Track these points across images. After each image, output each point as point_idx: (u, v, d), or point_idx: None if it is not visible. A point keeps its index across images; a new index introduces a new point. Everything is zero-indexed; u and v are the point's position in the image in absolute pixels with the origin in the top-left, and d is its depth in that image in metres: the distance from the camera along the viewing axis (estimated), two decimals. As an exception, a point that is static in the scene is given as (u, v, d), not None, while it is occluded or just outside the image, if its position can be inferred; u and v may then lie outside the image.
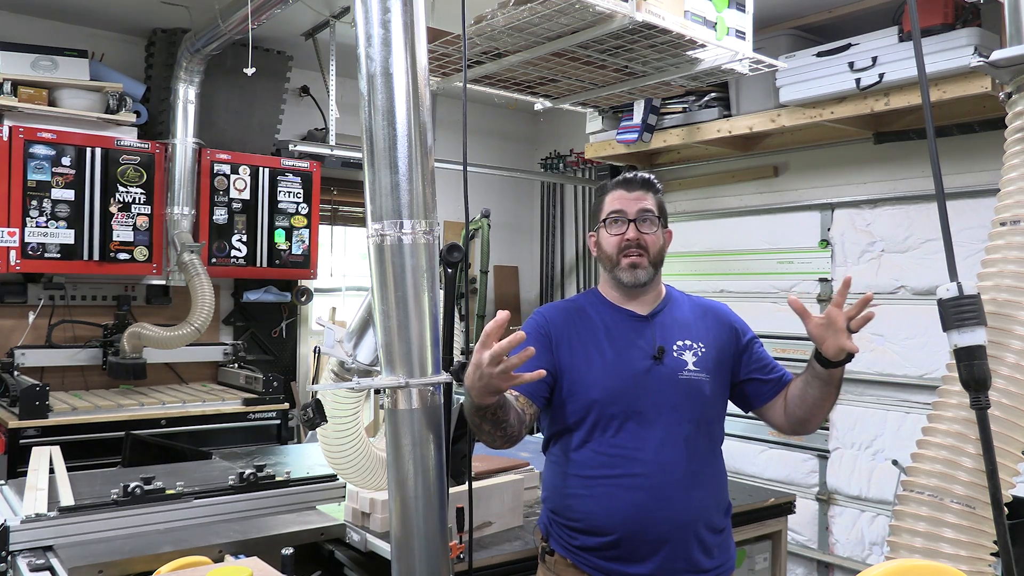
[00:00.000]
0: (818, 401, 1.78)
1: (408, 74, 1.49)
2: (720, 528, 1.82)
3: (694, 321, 1.91)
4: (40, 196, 3.69)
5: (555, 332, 1.87)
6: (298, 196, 4.48)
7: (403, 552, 1.51)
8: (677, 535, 1.73)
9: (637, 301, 1.90)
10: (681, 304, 1.95)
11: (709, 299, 2.04)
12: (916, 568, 1.08)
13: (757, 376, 1.91)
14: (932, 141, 1.42)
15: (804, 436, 2.17)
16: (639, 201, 1.87)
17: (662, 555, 1.72)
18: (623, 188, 1.90)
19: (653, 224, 1.87)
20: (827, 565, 4.06)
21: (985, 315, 1.36)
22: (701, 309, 1.96)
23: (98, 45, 4.17)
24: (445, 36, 2.46)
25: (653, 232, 1.87)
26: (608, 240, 1.88)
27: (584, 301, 1.96)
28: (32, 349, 3.96)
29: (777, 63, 2.68)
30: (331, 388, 2.07)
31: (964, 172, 3.55)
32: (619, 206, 1.87)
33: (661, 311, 1.90)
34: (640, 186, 1.89)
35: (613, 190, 1.92)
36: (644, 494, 1.72)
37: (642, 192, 1.88)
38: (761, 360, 1.93)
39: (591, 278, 5.54)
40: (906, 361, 3.74)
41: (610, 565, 1.75)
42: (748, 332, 1.96)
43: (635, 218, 1.85)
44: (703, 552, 1.76)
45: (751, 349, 1.93)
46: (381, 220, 1.49)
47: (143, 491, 2.07)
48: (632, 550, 1.73)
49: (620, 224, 1.86)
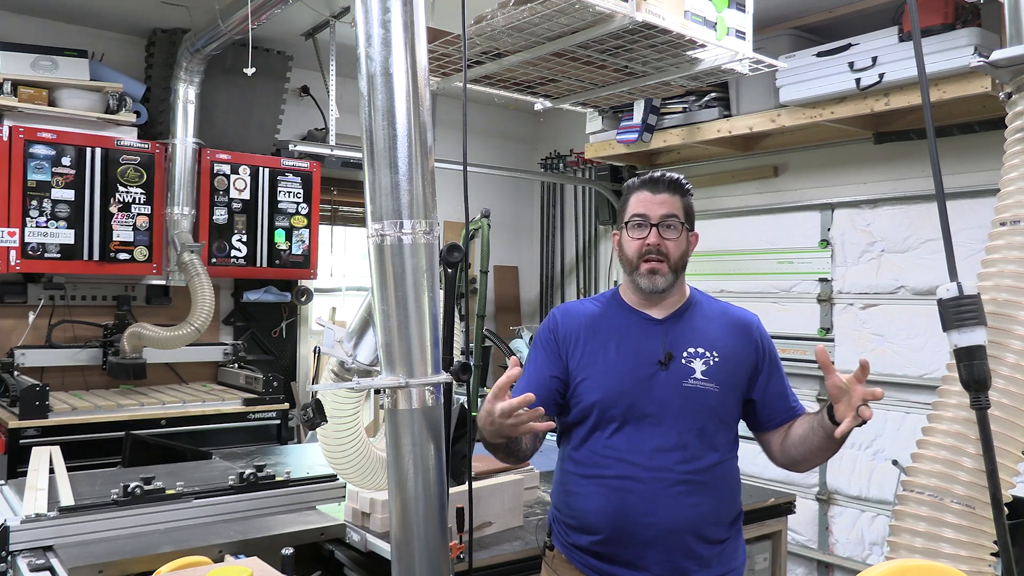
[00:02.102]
0: (817, 451, 1.74)
1: (408, 74, 1.49)
2: (719, 539, 1.77)
3: (712, 329, 1.85)
4: (40, 196, 3.69)
5: (565, 334, 1.88)
6: (298, 196, 4.48)
7: (403, 552, 1.51)
8: (664, 541, 1.72)
9: (656, 305, 1.86)
10: (703, 310, 1.90)
11: (740, 308, 1.95)
12: (916, 568, 1.08)
13: (766, 401, 1.85)
14: (932, 141, 1.42)
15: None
16: (663, 205, 1.81)
17: (649, 560, 1.72)
18: (648, 189, 1.84)
19: (676, 229, 1.81)
20: (827, 565, 4.06)
21: (985, 315, 1.36)
22: (725, 317, 1.89)
23: (98, 45, 4.17)
24: (445, 36, 2.46)
25: (675, 238, 1.81)
26: (629, 243, 1.84)
27: (601, 302, 1.94)
28: (32, 349, 3.96)
29: (777, 63, 2.69)
30: (331, 388, 2.07)
31: (964, 172, 3.55)
32: (642, 209, 1.82)
33: (678, 316, 1.86)
34: (666, 188, 1.83)
35: (638, 191, 1.86)
36: (634, 497, 1.72)
37: (668, 195, 1.82)
38: (776, 387, 1.87)
39: (591, 278, 5.54)
40: (906, 361, 3.74)
41: (599, 564, 1.77)
42: (771, 354, 1.89)
43: (657, 223, 1.80)
44: (695, 561, 1.73)
45: (769, 371, 1.87)
46: (381, 220, 1.49)
47: (143, 491, 2.07)
48: (619, 551, 1.74)
49: (642, 228, 1.81)
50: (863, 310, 3.93)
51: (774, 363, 1.88)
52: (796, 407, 1.87)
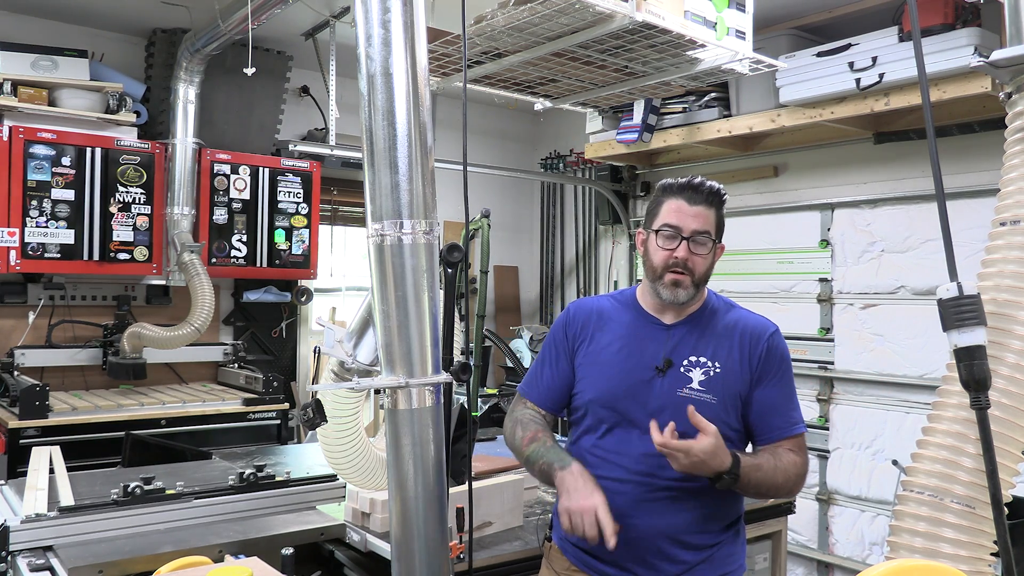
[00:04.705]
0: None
1: (408, 74, 1.49)
2: (706, 545, 1.76)
3: (720, 339, 1.81)
4: (40, 196, 3.69)
5: (576, 331, 1.90)
6: (298, 196, 4.48)
7: (403, 552, 1.51)
8: (644, 544, 1.73)
9: (668, 311, 1.85)
10: (716, 318, 1.85)
11: (758, 317, 1.88)
12: (916, 568, 1.08)
13: (761, 414, 1.79)
14: (932, 141, 1.42)
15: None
16: (697, 219, 1.76)
17: (632, 560, 1.75)
18: (684, 199, 1.78)
19: (705, 245, 1.78)
20: (827, 565, 4.06)
21: (985, 315, 1.36)
22: (737, 327, 1.83)
23: (98, 45, 4.17)
24: (445, 36, 2.46)
25: (704, 253, 1.78)
26: (656, 252, 1.80)
27: (618, 300, 1.94)
28: (32, 349, 3.96)
29: (777, 63, 2.69)
30: (331, 388, 2.07)
31: (964, 172, 3.55)
32: (675, 221, 1.77)
33: (687, 323, 1.83)
34: (703, 200, 1.77)
35: (675, 197, 1.79)
36: (619, 499, 1.72)
37: (703, 207, 1.77)
38: (772, 400, 1.79)
39: (591, 278, 5.54)
40: (906, 361, 3.74)
41: (589, 560, 1.81)
42: (778, 367, 1.81)
43: (689, 237, 1.76)
44: (679, 566, 1.74)
45: (769, 384, 1.80)
46: (381, 220, 1.49)
47: (143, 491, 2.07)
48: (604, 550, 1.73)
49: (672, 240, 1.77)
50: (863, 310, 3.93)
51: (777, 376, 1.81)
52: (789, 428, 1.79)
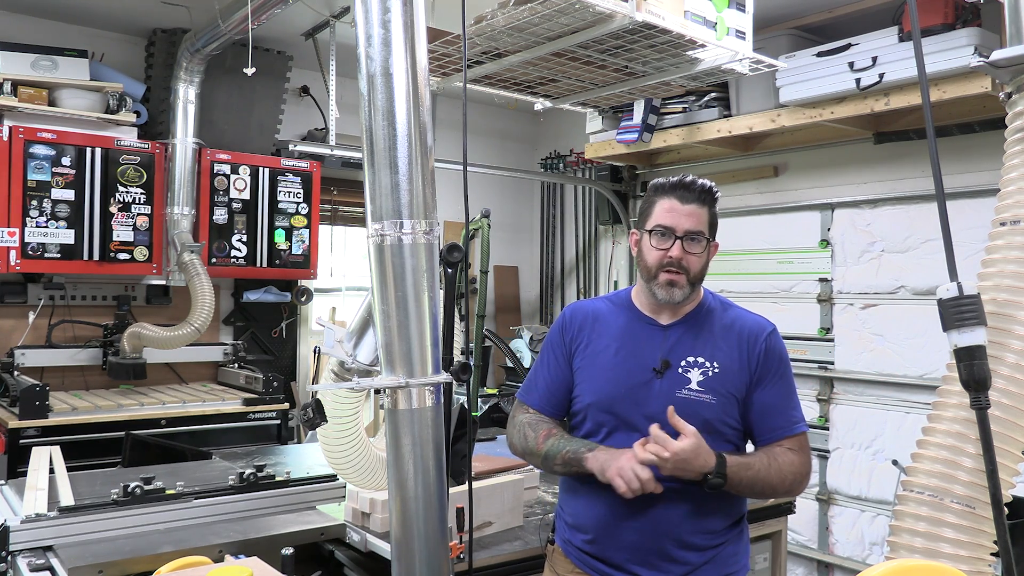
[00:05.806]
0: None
1: (408, 74, 1.49)
2: (708, 545, 1.76)
3: (717, 338, 1.81)
4: (40, 196, 3.69)
5: (573, 334, 1.89)
6: (298, 196, 4.48)
7: (403, 552, 1.51)
8: (647, 545, 1.74)
9: (664, 311, 1.84)
10: (713, 317, 1.84)
11: (755, 316, 1.87)
12: (916, 568, 1.08)
13: (761, 413, 1.79)
14: (932, 141, 1.42)
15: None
16: (690, 218, 1.76)
17: (634, 562, 1.75)
18: (677, 198, 1.77)
19: (700, 244, 1.77)
20: (827, 565, 4.06)
21: (985, 315, 1.36)
22: (735, 326, 1.83)
23: (98, 45, 4.17)
24: (445, 36, 2.46)
25: (698, 252, 1.77)
26: (650, 252, 1.79)
27: (613, 302, 1.93)
28: (32, 349, 3.96)
29: (777, 63, 2.69)
30: (331, 388, 2.07)
31: (964, 172, 3.55)
32: (668, 221, 1.76)
33: (684, 323, 1.83)
34: (696, 198, 1.77)
35: (666, 196, 1.79)
36: (620, 501, 1.71)
37: (696, 206, 1.76)
38: (771, 399, 1.79)
39: (591, 278, 5.54)
40: (906, 361, 3.74)
41: (592, 561, 1.81)
42: (776, 366, 1.80)
43: (682, 236, 1.76)
44: (681, 567, 1.74)
45: (768, 383, 1.79)
46: (381, 220, 1.49)
47: (143, 491, 2.07)
48: (606, 551, 1.77)
49: (665, 239, 1.76)
50: (863, 310, 3.93)
51: (776, 375, 1.80)
52: (789, 427, 1.79)
